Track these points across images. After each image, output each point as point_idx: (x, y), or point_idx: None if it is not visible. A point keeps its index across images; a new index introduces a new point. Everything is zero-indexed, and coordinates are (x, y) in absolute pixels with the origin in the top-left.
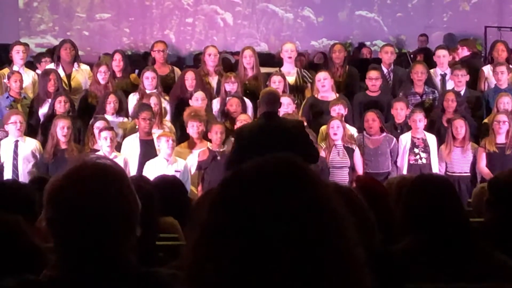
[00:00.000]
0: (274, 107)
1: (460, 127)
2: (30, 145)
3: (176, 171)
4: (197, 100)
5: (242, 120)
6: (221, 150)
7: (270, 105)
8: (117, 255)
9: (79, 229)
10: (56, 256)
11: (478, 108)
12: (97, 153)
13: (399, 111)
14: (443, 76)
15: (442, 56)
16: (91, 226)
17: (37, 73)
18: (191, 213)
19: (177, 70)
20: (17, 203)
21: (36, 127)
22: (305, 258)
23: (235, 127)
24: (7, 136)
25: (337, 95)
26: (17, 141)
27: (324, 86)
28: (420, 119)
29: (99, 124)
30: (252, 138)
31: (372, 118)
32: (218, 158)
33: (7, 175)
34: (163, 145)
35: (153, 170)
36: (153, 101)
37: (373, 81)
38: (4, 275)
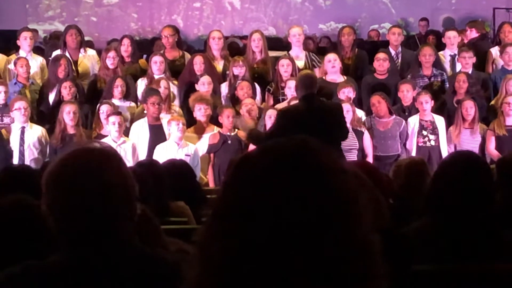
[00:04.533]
0: (312, 89)
1: (470, 108)
2: (37, 132)
3: (186, 155)
4: (204, 85)
5: (248, 104)
6: (232, 134)
7: (307, 88)
8: (120, 236)
9: (80, 212)
10: (58, 240)
11: (485, 89)
12: (105, 138)
13: (406, 93)
14: (453, 57)
15: (452, 37)
16: (92, 209)
17: (45, 59)
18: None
19: (187, 55)
20: (27, 188)
21: (46, 113)
22: (315, 243)
23: (241, 111)
24: (13, 122)
25: (345, 77)
26: (23, 128)
27: (334, 67)
28: (426, 101)
29: (106, 108)
30: (294, 121)
31: (377, 101)
32: (229, 142)
33: (15, 161)
34: (173, 129)
35: (164, 154)
36: (162, 84)
37: (381, 62)
38: (28, 258)
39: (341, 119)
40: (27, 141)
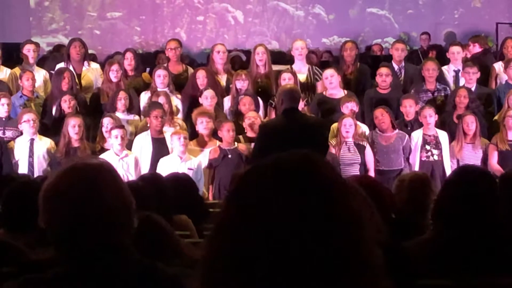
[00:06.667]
0: (295, 103)
1: (471, 123)
2: (46, 143)
3: (189, 168)
4: (207, 99)
5: (251, 117)
6: (232, 148)
7: (292, 102)
8: (118, 249)
9: (77, 227)
10: (57, 253)
11: (489, 104)
12: (108, 151)
13: (408, 108)
14: (457, 73)
15: (456, 53)
16: (89, 223)
17: (49, 72)
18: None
19: (190, 70)
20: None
21: (50, 126)
22: (318, 256)
23: (244, 124)
24: (20, 135)
25: (345, 92)
26: (32, 140)
27: (331, 83)
28: (430, 115)
29: (108, 121)
30: (274, 135)
31: (381, 113)
32: (229, 156)
33: (23, 172)
34: (175, 143)
35: (167, 167)
36: (161, 100)
37: (383, 77)
38: None
39: (321, 135)
40: (37, 152)
